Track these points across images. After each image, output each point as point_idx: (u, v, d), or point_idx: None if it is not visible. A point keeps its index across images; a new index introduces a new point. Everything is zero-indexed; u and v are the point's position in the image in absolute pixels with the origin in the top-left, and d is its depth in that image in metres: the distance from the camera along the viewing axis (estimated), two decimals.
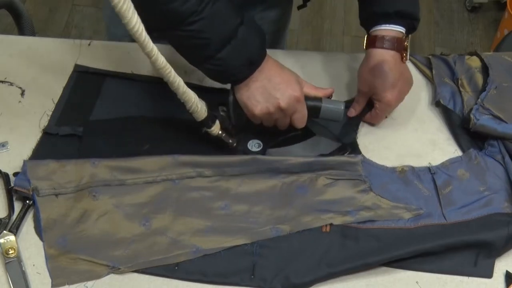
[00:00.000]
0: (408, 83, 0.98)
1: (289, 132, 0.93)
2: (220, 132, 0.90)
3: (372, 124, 1.01)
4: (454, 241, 0.84)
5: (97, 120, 0.96)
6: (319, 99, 0.92)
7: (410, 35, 0.96)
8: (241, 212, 0.87)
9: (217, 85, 0.92)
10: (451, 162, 0.95)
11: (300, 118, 0.90)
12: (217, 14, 0.80)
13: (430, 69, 1.07)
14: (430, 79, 1.07)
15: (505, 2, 2.21)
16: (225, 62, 0.83)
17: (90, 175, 0.87)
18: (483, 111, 0.97)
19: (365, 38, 0.97)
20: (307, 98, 0.90)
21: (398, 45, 0.94)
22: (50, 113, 0.97)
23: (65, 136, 0.94)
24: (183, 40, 0.83)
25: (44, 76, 1.02)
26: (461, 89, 1.03)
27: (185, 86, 0.82)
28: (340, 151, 0.95)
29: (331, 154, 0.94)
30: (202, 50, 0.83)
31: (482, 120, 0.95)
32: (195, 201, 0.87)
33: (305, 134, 0.95)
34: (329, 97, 0.93)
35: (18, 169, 0.88)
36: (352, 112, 1.00)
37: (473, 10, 2.55)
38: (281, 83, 0.87)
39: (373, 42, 0.95)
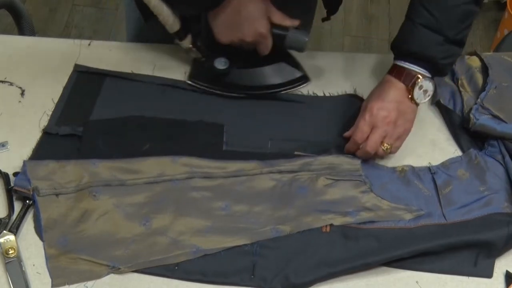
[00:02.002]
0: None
1: (256, 54, 0.97)
2: (190, 46, 0.97)
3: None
4: (454, 241, 0.84)
5: (97, 120, 0.96)
6: (285, 28, 0.95)
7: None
8: (242, 213, 0.87)
9: None
10: (451, 162, 0.95)
11: (264, 48, 0.95)
12: None
13: None
14: None
15: (505, 2, 2.21)
16: None
17: (90, 175, 0.87)
18: (482, 111, 0.97)
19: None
20: (274, 26, 0.93)
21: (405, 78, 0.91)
22: (50, 113, 0.97)
23: (65, 136, 0.94)
24: None
25: (44, 76, 1.02)
26: (461, 89, 1.03)
27: (157, 0, 0.88)
28: (299, 80, 1.02)
29: (290, 82, 1.01)
30: None
31: (482, 120, 0.95)
32: (195, 201, 0.87)
33: (271, 58, 0.99)
34: (297, 28, 0.96)
35: (18, 169, 0.88)
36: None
37: None
38: (248, 17, 0.90)
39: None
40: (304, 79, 1.03)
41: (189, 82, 1.01)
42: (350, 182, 0.91)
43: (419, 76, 0.90)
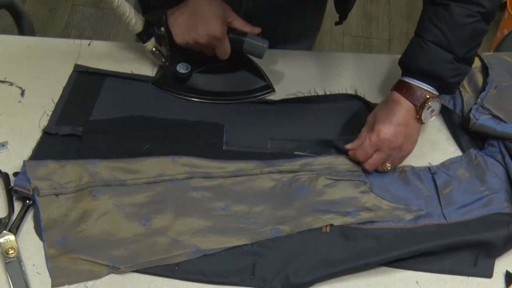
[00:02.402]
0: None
1: (218, 61, 0.97)
2: (153, 49, 0.99)
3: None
4: (454, 241, 0.84)
5: (97, 120, 0.96)
6: (244, 34, 0.95)
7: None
8: (242, 213, 0.87)
9: None
10: (451, 162, 0.95)
11: (222, 52, 0.95)
12: None
13: None
14: None
15: (505, 2, 2.21)
16: None
17: (90, 175, 0.87)
18: (482, 111, 0.97)
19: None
20: (233, 31, 0.94)
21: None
22: (50, 113, 0.97)
23: (65, 136, 0.94)
24: None
25: (44, 76, 1.02)
26: (461, 89, 1.03)
27: (121, 0, 0.90)
28: (262, 89, 1.01)
29: (252, 91, 1.00)
30: None
31: (482, 120, 0.95)
32: (195, 201, 0.87)
33: (234, 66, 1.00)
34: (258, 35, 0.96)
35: (18, 169, 0.88)
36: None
37: None
38: (204, 19, 0.91)
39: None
40: (267, 88, 1.01)
41: (153, 86, 1.01)
42: (350, 182, 0.91)
43: (428, 96, 0.89)
